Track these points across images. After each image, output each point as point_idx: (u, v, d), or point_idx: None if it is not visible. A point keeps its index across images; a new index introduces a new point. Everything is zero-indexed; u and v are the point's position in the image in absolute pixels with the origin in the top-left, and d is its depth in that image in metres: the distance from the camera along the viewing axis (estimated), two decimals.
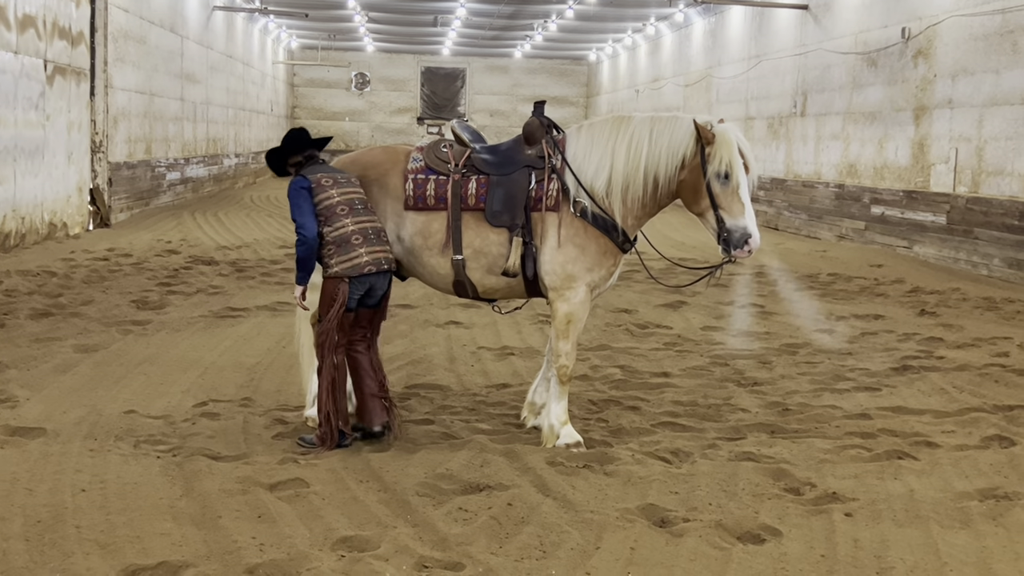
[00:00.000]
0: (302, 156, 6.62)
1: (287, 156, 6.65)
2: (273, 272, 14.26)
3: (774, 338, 10.45)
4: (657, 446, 6.61)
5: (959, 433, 7.07)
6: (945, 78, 16.84)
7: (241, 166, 35.50)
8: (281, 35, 43.69)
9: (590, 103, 49.44)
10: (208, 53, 29.61)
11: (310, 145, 6.66)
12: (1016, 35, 14.89)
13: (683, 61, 32.49)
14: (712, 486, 5.86)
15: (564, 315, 6.49)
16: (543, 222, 6.46)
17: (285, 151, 6.65)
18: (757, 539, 5.15)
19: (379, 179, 6.66)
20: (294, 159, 6.63)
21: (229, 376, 8.24)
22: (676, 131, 6.31)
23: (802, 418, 7.38)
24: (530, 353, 9.42)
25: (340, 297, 6.33)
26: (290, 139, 6.66)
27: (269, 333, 10.02)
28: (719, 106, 28.52)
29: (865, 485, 5.94)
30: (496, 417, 7.26)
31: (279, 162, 6.71)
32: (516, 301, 7.02)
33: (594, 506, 5.49)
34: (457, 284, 6.64)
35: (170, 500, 5.42)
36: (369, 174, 6.69)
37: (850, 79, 20.30)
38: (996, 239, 15.18)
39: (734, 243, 6.24)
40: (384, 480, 5.82)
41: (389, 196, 6.62)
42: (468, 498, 5.55)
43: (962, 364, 9.23)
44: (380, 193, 6.63)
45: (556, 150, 6.53)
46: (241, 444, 6.44)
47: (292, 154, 6.63)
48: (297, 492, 5.57)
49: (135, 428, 6.70)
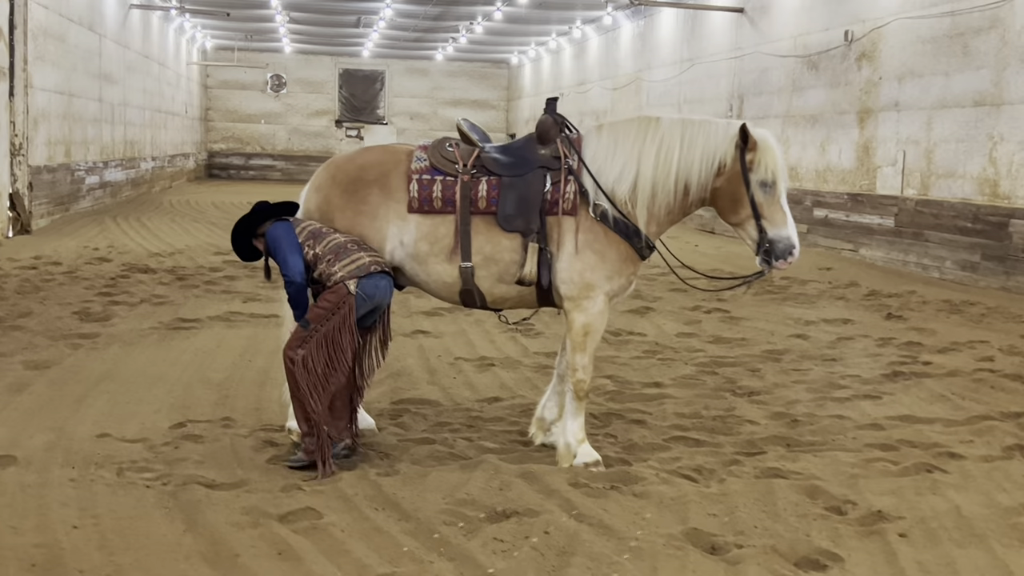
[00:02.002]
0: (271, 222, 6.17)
1: (254, 230, 6.18)
2: (216, 280, 13.61)
3: (752, 344, 10.20)
4: (678, 463, 6.26)
5: (978, 443, 6.86)
6: (891, 81, 16.85)
7: (158, 170, 34.43)
8: (196, 35, 42.56)
9: (511, 106, 49.17)
10: (125, 53, 28.60)
11: (275, 212, 6.20)
12: (967, 37, 14.92)
13: (611, 64, 32.36)
14: (750, 507, 5.52)
15: (581, 326, 6.09)
16: (559, 227, 6.05)
17: (253, 225, 6.17)
18: (817, 565, 4.82)
19: (379, 179, 6.19)
20: (262, 229, 6.16)
21: (199, 393, 7.69)
22: (712, 136, 5.95)
23: (814, 429, 7.10)
24: (510, 364, 9.02)
25: (344, 309, 5.86)
26: (254, 213, 6.18)
27: (230, 346, 9.46)
28: (650, 109, 28.41)
29: (907, 502, 5.65)
30: (499, 434, 6.85)
31: (246, 242, 6.25)
32: (523, 311, 6.62)
33: (635, 532, 5.11)
34: (464, 293, 6.20)
35: (175, 536, 4.90)
36: (368, 175, 6.21)
37: (790, 82, 20.29)
38: (948, 241, 15.20)
39: (777, 254, 5.91)
40: (402, 507, 5.37)
41: (391, 198, 6.15)
42: (499, 526, 5.13)
43: (952, 370, 9.07)
44: (380, 195, 6.16)
45: (572, 150, 6.13)
46: (235, 470, 5.92)
47: (258, 227, 6.17)
48: (313, 524, 5.09)
49: (113, 454, 6.13)
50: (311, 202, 6.30)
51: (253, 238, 6.23)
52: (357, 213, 6.14)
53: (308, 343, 5.88)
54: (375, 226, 6.14)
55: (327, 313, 5.88)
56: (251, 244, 6.27)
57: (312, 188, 6.34)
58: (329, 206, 6.20)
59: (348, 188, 6.18)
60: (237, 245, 6.28)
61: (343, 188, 6.19)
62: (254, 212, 6.17)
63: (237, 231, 6.21)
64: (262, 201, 6.28)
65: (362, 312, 5.98)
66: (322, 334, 5.88)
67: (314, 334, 5.88)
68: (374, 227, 6.14)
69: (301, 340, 5.90)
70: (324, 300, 5.90)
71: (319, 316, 5.89)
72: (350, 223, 6.13)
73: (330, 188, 6.23)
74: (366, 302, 5.93)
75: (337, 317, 5.88)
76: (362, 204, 6.14)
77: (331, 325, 5.88)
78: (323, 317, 5.88)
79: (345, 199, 6.17)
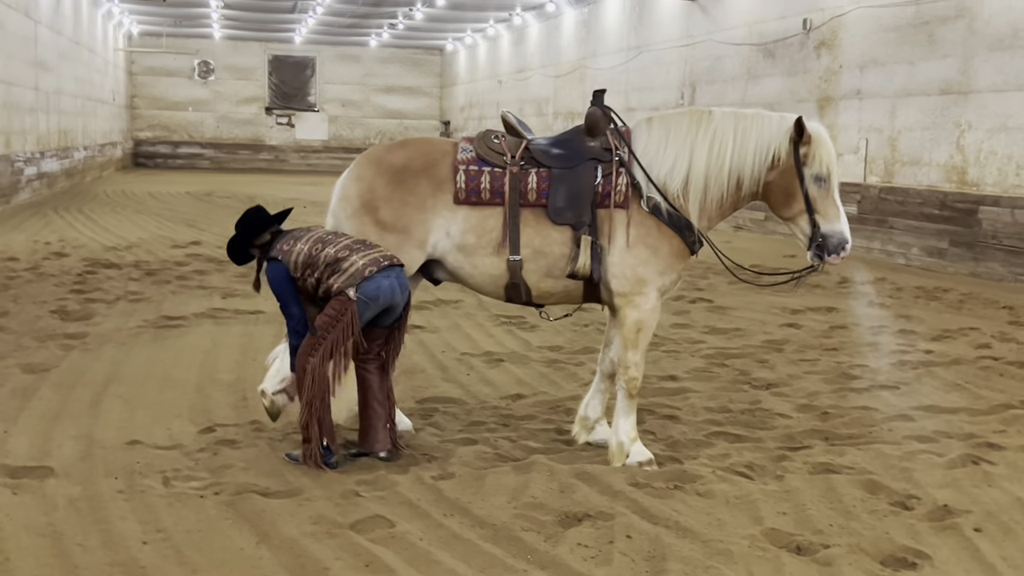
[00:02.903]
0: (269, 234, 6.04)
1: (252, 240, 6.05)
2: (188, 276, 13.25)
3: (749, 335, 10.21)
4: (728, 460, 6.20)
5: (1011, 432, 6.91)
6: (852, 69, 17.01)
7: (89, 159, 33.55)
8: (123, 21, 41.50)
9: (444, 93, 48.88)
10: (59, 39, 27.77)
11: (271, 223, 6.07)
12: (932, 26, 15.11)
13: (552, 51, 32.27)
14: (817, 504, 5.48)
15: (634, 323, 5.99)
16: (611, 220, 5.94)
17: (248, 235, 6.04)
18: (906, 564, 4.79)
19: (427, 170, 6.02)
20: (259, 240, 6.04)
21: (215, 396, 7.45)
22: (765, 129, 5.88)
23: (847, 422, 7.10)
24: (519, 359, 8.90)
25: (348, 315, 5.69)
26: (250, 222, 6.04)
27: (227, 344, 9.19)
28: None
29: (968, 495, 5.66)
30: (538, 433, 6.73)
31: (242, 250, 6.11)
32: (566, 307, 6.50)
33: (714, 533, 5.04)
34: (511, 287, 6.06)
35: (250, 549, 4.71)
36: (415, 164, 6.04)
37: (745, 70, 20.39)
38: (914, 228, 15.40)
39: (830, 249, 5.86)
40: (472, 512, 5.23)
41: (439, 189, 5.99)
42: (577, 531, 5.02)
43: (955, 358, 9.16)
44: (428, 185, 5.99)
45: (623, 142, 6.02)
46: (284, 476, 5.71)
47: (255, 237, 6.04)
48: (389, 533, 4.93)
49: (151, 462, 5.89)
50: (351, 190, 6.12)
51: (250, 247, 6.09)
52: (404, 204, 5.97)
53: (317, 352, 5.72)
54: (421, 217, 5.98)
55: (333, 320, 5.73)
56: (246, 251, 6.14)
57: (352, 178, 6.14)
58: (373, 195, 6.02)
59: (395, 178, 6.01)
60: (233, 250, 6.15)
61: (389, 177, 6.02)
62: (251, 222, 6.03)
63: (235, 240, 6.08)
64: (257, 207, 6.15)
65: (370, 315, 5.80)
66: (329, 342, 5.72)
67: (322, 342, 5.72)
68: (420, 218, 5.98)
69: (311, 348, 5.75)
70: (330, 307, 5.78)
71: (326, 324, 5.74)
72: (396, 213, 5.97)
73: (375, 177, 6.05)
74: (369, 305, 5.76)
75: (341, 324, 5.73)
76: (409, 195, 5.97)
77: (337, 332, 5.72)
78: (329, 324, 5.73)
79: (391, 188, 6.00)
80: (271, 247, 5.98)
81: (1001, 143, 13.91)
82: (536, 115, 33.52)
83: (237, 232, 6.04)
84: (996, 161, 14.00)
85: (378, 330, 5.95)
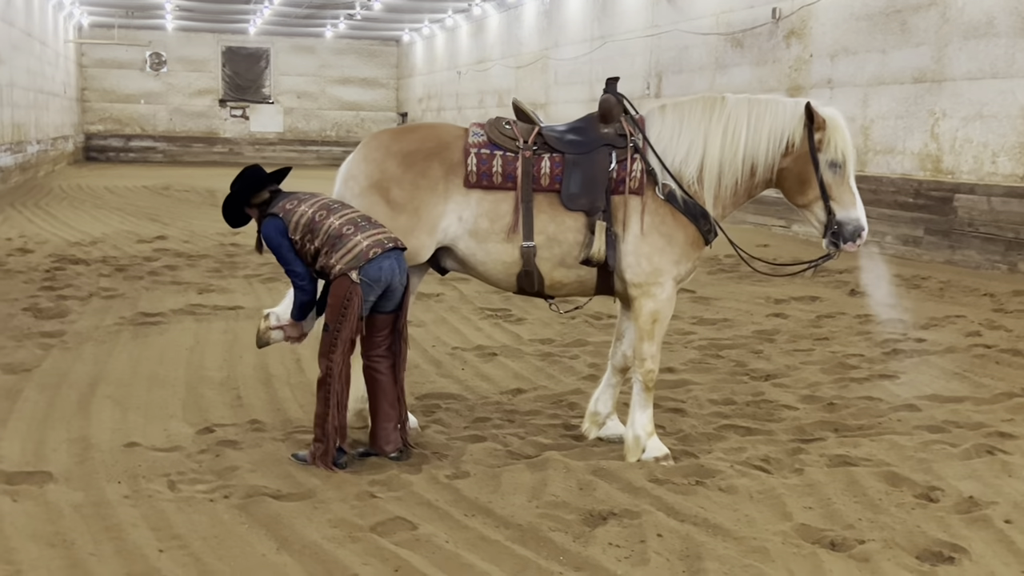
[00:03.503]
0: (268, 192, 5.80)
1: (248, 198, 5.81)
2: (159, 271, 12.94)
3: (738, 325, 10.13)
4: (744, 454, 6.09)
5: (1019, 421, 6.87)
6: (823, 58, 17.00)
7: (42, 153, 32.87)
8: (74, 12, 40.72)
9: (401, 85, 48.51)
10: (11, 31, 27.14)
11: (269, 181, 5.83)
12: (905, 15, 15.12)
13: (513, 42, 32.08)
14: (842, 497, 5.39)
15: (650, 313, 5.85)
16: (625, 207, 5.79)
17: (245, 194, 5.81)
18: (943, 558, 4.70)
19: (440, 152, 5.84)
20: (257, 199, 5.79)
21: (207, 395, 7.22)
22: (779, 115, 5.76)
23: (854, 412, 7.03)
24: (512, 352, 8.75)
25: (355, 299, 5.48)
26: (247, 180, 5.80)
27: (210, 342, 8.95)
28: (558, 88, 28.29)
29: (991, 486, 5.60)
30: (545, 428, 6.58)
31: (237, 209, 5.88)
32: (576, 300, 6.35)
33: (745, 530, 4.92)
34: (523, 275, 5.89)
35: (272, 555, 4.53)
36: (427, 146, 5.86)
37: (712, 60, 20.34)
38: (888, 217, 15.42)
39: (846, 236, 5.76)
40: (495, 512, 5.08)
41: (452, 172, 5.82)
42: (605, 530, 4.88)
43: (948, 346, 9.13)
44: (441, 168, 5.81)
45: (637, 129, 5.87)
46: (294, 478, 5.52)
47: (252, 195, 5.80)
48: (413, 535, 4.76)
49: (153, 465, 5.67)
50: (358, 170, 5.92)
51: (246, 206, 5.85)
52: (416, 186, 5.79)
53: (336, 347, 5.53)
54: (434, 200, 5.80)
55: (340, 309, 5.52)
56: (242, 211, 5.89)
57: (361, 159, 5.94)
58: (384, 176, 5.83)
59: (407, 160, 5.83)
60: (228, 211, 5.89)
61: (401, 159, 5.83)
62: (248, 180, 5.80)
63: (231, 199, 5.83)
64: (255, 165, 5.93)
65: (373, 297, 5.60)
66: (344, 331, 5.52)
67: (337, 335, 5.52)
68: (432, 201, 5.80)
69: (330, 345, 5.54)
70: (333, 296, 5.56)
71: (334, 315, 5.53)
72: (408, 194, 5.79)
73: (386, 159, 5.86)
74: (373, 288, 5.55)
75: (349, 310, 5.52)
76: (421, 177, 5.79)
77: (347, 320, 5.52)
78: (338, 314, 5.52)
79: (403, 170, 5.81)
80: (269, 206, 5.74)
81: (977, 131, 13.95)
82: (497, 106, 33.34)
83: (233, 190, 5.79)
84: (972, 149, 14.04)
85: (381, 317, 5.75)
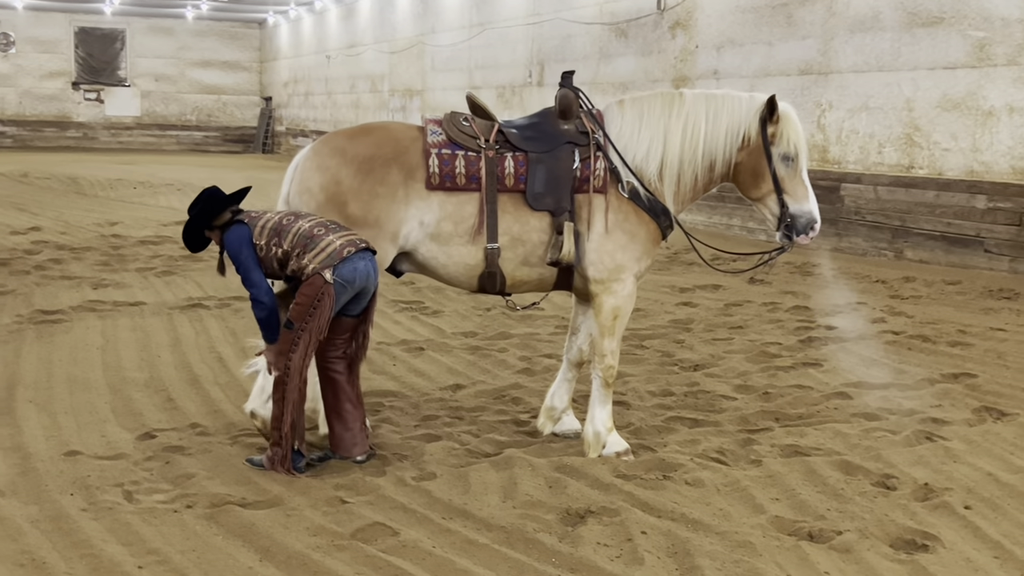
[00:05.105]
0: (229, 213, 5.55)
1: (208, 222, 5.57)
2: (45, 265, 12.33)
3: (652, 315, 10.25)
4: (699, 446, 6.15)
5: (947, 407, 7.10)
6: (709, 49, 17.30)
7: None
8: None
9: (265, 68, 47.45)
10: None
11: (229, 202, 5.60)
12: (791, 8, 15.48)
13: (387, 27, 31.72)
14: (806, 489, 5.48)
15: (611, 310, 5.84)
16: (589, 205, 5.76)
17: (204, 218, 5.55)
18: (918, 546, 4.82)
19: (398, 157, 5.68)
20: (218, 221, 5.55)
21: (135, 397, 6.94)
22: (736, 110, 5.81)
23: (790, 401, 7.18)
24: (439, 347, 8.65)
25: (326, 299, 5.32)
26: (207, 203, 5.54)
27: (121, 340, 8.59)
28: (435, 74, 28.10)
29: (941, 472, 5.77)
30: (496, 425, 6.53)
31: (198, 234, 5.62)
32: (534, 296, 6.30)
33: (723, 524, 4.97)
34: (486, 277, 5.80)
35: (258, 566, 4.36)
36: (384, 151, 5.69)
37: (597, 49, 20.49)
38: None
39: (799, 229, 5.86)
40: (472, 514, 5.00)
41: (411, 177, 5.66)
42: (587, 528, 4.86)
43: (859, 334, 9.39)
44: (400, 174, 5.65)
45: (597, 125, 5.84)
46: (256, 484, 5.33)
47: (213, 219, 5.56)
48: (398, 541, 4.65)
49: (103, 474, 5.41)
50: (312, 182, 5.70)
51: (207, 229, 5.61)
52: (374, 196, 5.62)
53: (298, 346, 5.35)
54: (393, 208, 5.64)
55: (308, 308, 5.34)
56: (202, 235, 5.65)
57: (313, 167, 5.72)
58: (340, 187, 5.63)
59: (363, 167, 5.64)
60: (189, 237, 5.64)
61: (356, 167, 5.65)
62: (208, 203, 5.55)
63: (192, 224, 5.57)
64: (212, 187, 5.66)
65: (345, 299, 5.46)
66: (308, 332, 5.35)
67: (301, 334, 5.35)
68: (392, 209, 5.64)
69: (291, 344, 5.36)
70: (302, 295, 5.36)
71: (301, 313, 5.35)
72: (367, 206, 5.61)
73: (340, 167, 5.66)
74: (346, 289, 5.41)
75: (319, 310, 5.35)
76: (380, 185, 5.63)
77: (314, 320, 5.35)
78: (305, 313, 5.35)
79: (360, 180, 5.62)
80: (229, 228, 5.52)
81: (863, 122, 14.40)
82: (371, 92, 32.95)
83: (192, 216, 5.54)
84: (858, 140, 14.49)
85: (347, 320, 5.60)
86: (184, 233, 5.59)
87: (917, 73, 13.52)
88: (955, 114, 13.11)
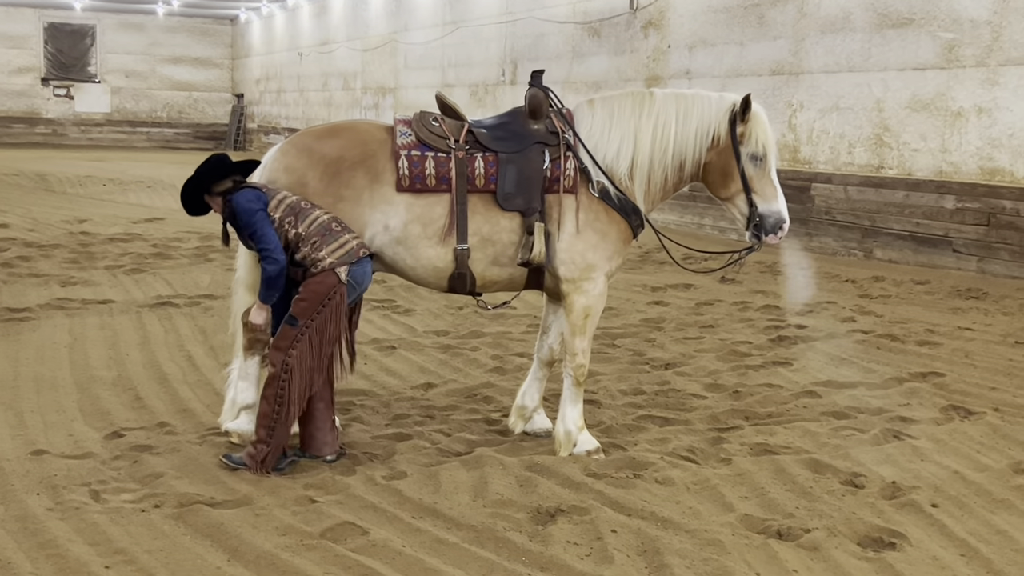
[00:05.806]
0: (231, 181, 5.51)
1: (209, 185, 5.52)
2: (12, 263, 12.22)
3: (624, 313, 10.27)
4: (669, 445, 6.17)
5: (915, 406, 7.15)
6: (681, 49, 17.35)
7: None
8: None
9: (236, 65, 47.22)
10: None
11: (234, 170, 5.57)
12: (763, 8, 15.55)
13: (360, 24, 31.63)
14: (775, 487, 5.51)
15: (582, 309, 5.85)
16: (560, 205, 5.76)
17: (207, 179, 5.51)
18: (885, 544, 4.86)
19: (364, 160, 5.65)
20: (219, 187, 5.50)
21: (103, 396, 6.88)
22: (706, 109, 5.82)
23: (760, 400, 7.20)
24: (408, 345, 8.64)
25: (337, 299, 5.33)
26: (211, 165, 5.51)
27: (88, 338, 8.53)
28: (409, 72, 28.05)
29: (908, 471, 5.81)
30: (468, 424, 6.52)
31: (197, 196, 5.56)
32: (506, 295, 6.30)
33: (693, 523, 4.98)
34: (456, 278, 5.78)
35: (227, 567, 4.34)
36: (351, 154, 5.66)
37: (570, 48, 20.51)
38: None
39: (768, 228, 5.89)
40: (442, 513, 5.00)
41: (377, 180, 5.63)
42: (558, 528, 4.86)
43: (828, 332, 9.46)
44: (366, 177, 5.63)
45: (567, 125, 5.84)
46: (224, 483, 5.30)
47: (215, 182, 5.51)
48: (369, 541, 4.64)
49: (70, 474, 5.37)
50: (280, 183, 5.67)
51: (207, 194, 5.55)
52: (339, 199, 5.59)
53: (299, 343, 5.34)
54: (357, 212, 5.62)
55: (315, 305, 5.34)
56: (202, 199, 5.58)
57: (280, 168, 5.69)
58: (305, 190, 5.60)
59: (328, 170, 5.61)
60: (187, 197, 5.57)
61: (323, 170, 5.62)
62: (212, 166, 5.51)
63: (191, 183, 5.52)
64: (220, 153, 5.63)
65: (349, 302, 5.48)
66: (314, 330, 5.34)
67: (305, 331, 5.34)
68: (356, 213, 5.62)
69: (292, 340, 5.34)
70: (309, 291, 5.34)
71: (306, 310, 5.34)
72: (330, 209, 5.58)
73: (307, 170, 5.63)
74: (355, 290, 5.45)
75: (328, 309, 5.36)
76: (345, 188, 5.60)
77: (322, 319, 5.35)
78: (311, 310, 5.34)
79: (326, 183, 5.60)
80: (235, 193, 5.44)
81: (833, 122, 14.48)
82: (343, 89, 32.85)
83: (194, 175, 5.47)
84: (828, 140, 14.58)
85: None
86: (183, 193, 5.54)
87: (887, 74, 13.61)
88: (924, 115, 13.21)
